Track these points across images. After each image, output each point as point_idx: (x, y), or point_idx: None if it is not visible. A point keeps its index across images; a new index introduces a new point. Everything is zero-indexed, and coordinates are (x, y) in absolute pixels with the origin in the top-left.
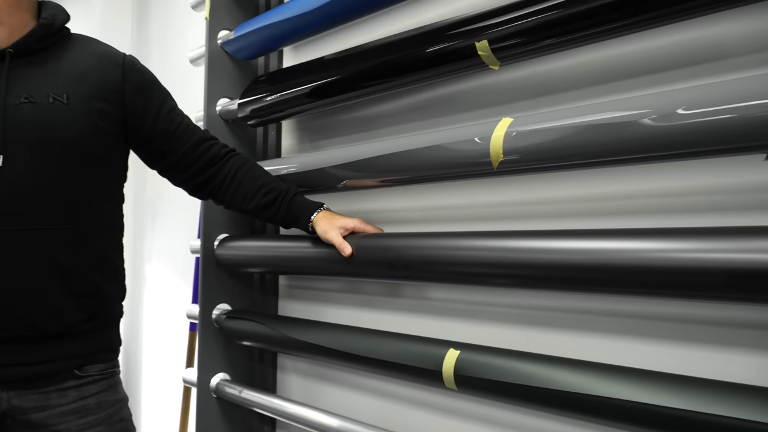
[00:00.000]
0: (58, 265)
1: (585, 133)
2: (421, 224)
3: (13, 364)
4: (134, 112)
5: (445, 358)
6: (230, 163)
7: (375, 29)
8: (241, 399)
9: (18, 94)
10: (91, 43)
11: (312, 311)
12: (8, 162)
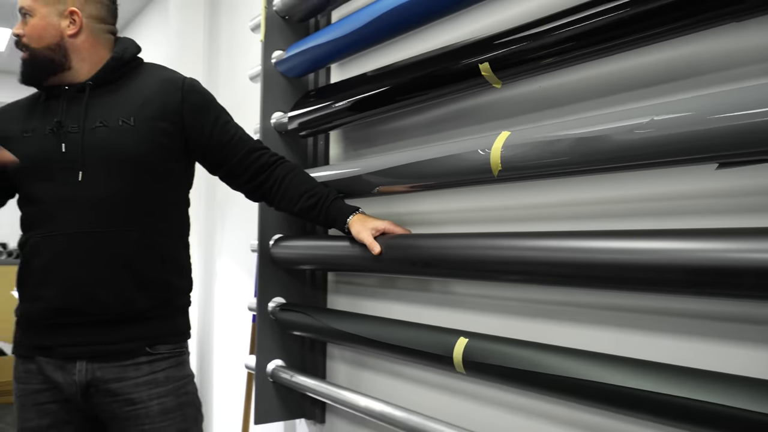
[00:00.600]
0: (127, 262)
1: (571, 145)
2: (443, 225)
3: (94, 343)
4: (193, 128)
5: (456, 345)
6: (278, 171)
7: (409, 47)
8: (294, 383)
9: (94, 119)
10: (157, 70)
11: (355, 304)
12: (86, 177)
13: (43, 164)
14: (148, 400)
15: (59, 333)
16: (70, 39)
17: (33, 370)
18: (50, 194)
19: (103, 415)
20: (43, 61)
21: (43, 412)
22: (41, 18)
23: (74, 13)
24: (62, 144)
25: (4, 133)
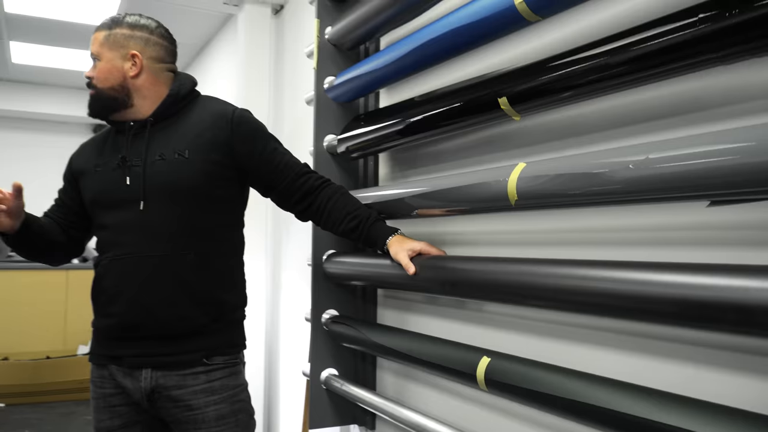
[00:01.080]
0: (185, 283)
1: (576, 179)
2: (475, 246)
3: (157, 354)
4: (242, 157)
5: (479, 364)
6: (323, 194)
7: (455, 71)
8: (345, 392)
9: (154, 153)
10: (210, 103)
11: (400, 318)
12: (147, 206)
13: (110, 195)
14: (204, 406)
15: (127, 345)
16: (132, 79)
17: (106, 376)
18: (117, 222)
19: (166, 417)
20: (108, 100)
21: (115, 413)
22: (107, 61)
23: (135, 56)
24: (126, 177)
25: (81, 167)
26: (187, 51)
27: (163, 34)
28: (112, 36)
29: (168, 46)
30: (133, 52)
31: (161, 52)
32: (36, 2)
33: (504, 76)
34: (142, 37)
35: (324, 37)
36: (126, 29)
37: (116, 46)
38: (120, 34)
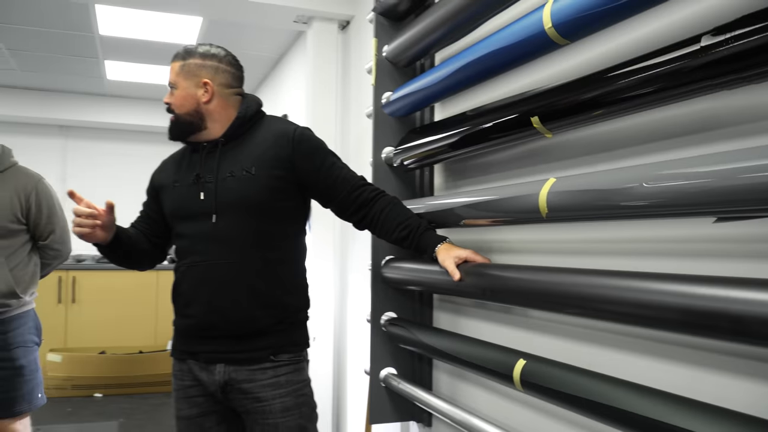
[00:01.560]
0: (252, 288)
1: (597, 196)
2: (519, 253)
3: (229, 351)
4: (302, 172)
5: (515, 366)
6: (377, 206)
7: (506, 85)
8: (402, 390)
9: (225, 170)
10: (274, 123)
11: (453, 321)
12: (219, 219)
13: (187, 208)
14: (271, 399)
15: (203, 342)
16: (204, 105)
17: (185, 370)
18: (193, 232)
19: (237, 408)
20: (185, 125)
21: (193, 403)
22: (183, 89)
23: (207, 84)
24: (201, 192)
25: (161, 183)
26: (264, 63)
27: (231, 61)
28: (186, 66)
29: (235, 73)
30: (204, 80)
31: (229, 79)
32: (126, 25)
33: (535, 96)
34: (212, 65)
35: (382, 55)
36: (198, 59)
37: (190, 75)
38: (193, 64)
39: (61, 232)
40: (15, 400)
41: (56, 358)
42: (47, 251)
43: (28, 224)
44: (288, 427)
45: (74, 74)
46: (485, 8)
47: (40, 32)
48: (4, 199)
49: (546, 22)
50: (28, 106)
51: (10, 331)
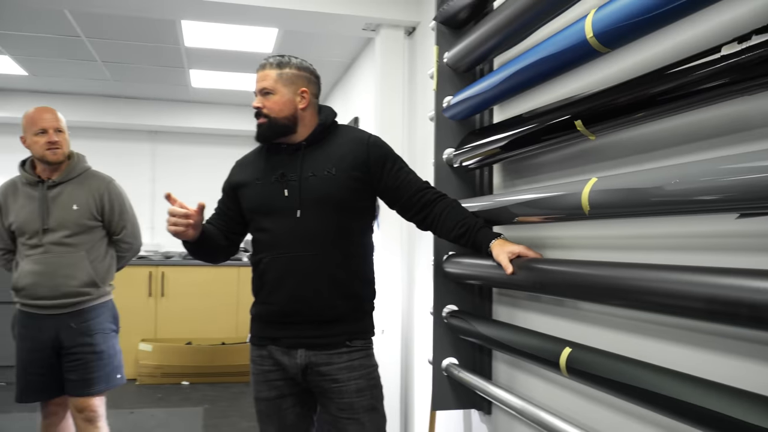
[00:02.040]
0: (332, 278)
1: (628, 195)
2: (570, 249)
3: (309, 337)
4: (374, 175)
5: (562, 353)
6: (438, 207)
7: (560, 88)
8: (463, 379)
9: (307, 170)
10: (349, 131)
11: (511, 313)
12: (302, 214)
13: (270, 204)
14: (347, 380)
15: (285, 328)
16: (301, 111)
17: (265, 355)
18: (276, 226)
19: (314, 389)
20: (281, 127)
21: (272, 386)
22: (282, 96)
23: (305, 92)
24: (284, 190)
25: (242, 181)
26: (336, 68)
27: (315, 74)
28: (284, 75)
29: (318, 84)
30: (303, 89)
31: (316, 90)
32: (209, 37)
33: (579, 101)
34: (307, 76)
35: (443, 61)
36: (295, 69)
37: (289, 83)
38: (291, 74)
39: (132, 227)
40: (94, 380)
41: (147, 347)
42: (121, 245)
43: (103, 221)
44: (361, 405)
45: (162, 83)
46: (540, 14)
47: (130, 45)
48: (82, 200)
49: (588, 32)
50: (120, 113)
51: (91, 319)
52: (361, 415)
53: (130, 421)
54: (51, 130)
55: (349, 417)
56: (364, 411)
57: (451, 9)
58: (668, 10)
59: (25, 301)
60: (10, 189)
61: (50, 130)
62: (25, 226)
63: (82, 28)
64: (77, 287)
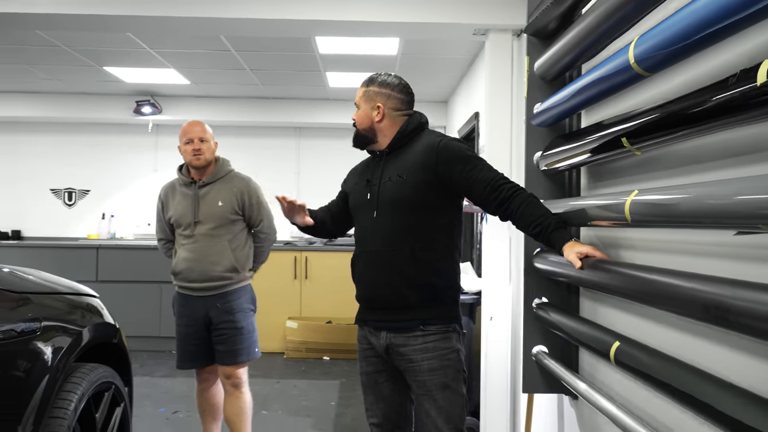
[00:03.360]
0: (402, 271)
1: (657, 207)
2: (636, 250)
3: (388, 320)
4: (444, 176)
5: (612, 346)
6: (515, 202)
7: (641, 93)
8: (550, 368)
9: (385, 175)
10: (426, 136)
11: (592, 307)
12: (379, 215)
13: (360, 205)
14: (420, 360)
15: (370, 313)
16: (377, 123)
17: (362, 335)
18: (363, 225)
19: (398, 366)
20: (363, 137)
21: (370, 362)
22: (362, 110)
23: (380, 108)
24: (368, 193)
25: (349, 185)
26: (459, 65)
27: (402, 89)
28: (367, 92)
29: (404, 99)
30: (378, 104)
31: (398, 104)
32: (340, 45)
33: (624, 119)
34: (386, 93)
35: (533, 71)
36: (376, 87)
37: (369, 100)
38: (372, 91)
39: (268, 220)
40: (238, 352)
41: (293, 324)
42: (259, 235)
43: (244, 215)
44: (433, 383)
45: (303, 84)
46: (624, 18)
47: (274, 55)
48: (226, 197)
49: (630, 59)
50: (268, 112)
51: (234, 300)
52: (434, 391)
53: (276, 389)
54: (196, 140)
55: (423, 393)
56: (436, 388)
57: (541, 21)
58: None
59: (181, 284)
60: (169, 189)
61: (195, 140)
62: (181, 220)
63: (233, 45)
64: (221, 272)
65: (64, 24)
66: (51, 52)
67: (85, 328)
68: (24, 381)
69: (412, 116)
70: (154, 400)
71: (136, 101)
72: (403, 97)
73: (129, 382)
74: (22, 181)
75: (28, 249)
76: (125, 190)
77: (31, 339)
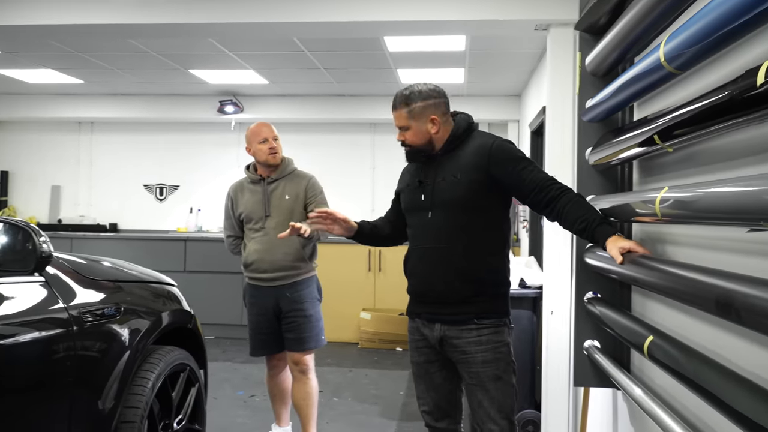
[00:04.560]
0: (455, 266)
1: (683, 202)
2: (676, 246)
3: (442, 314)
4: (496, 177)
5: (646, 340)
6: (561, 202)
7: (694, 83)
8: (600, 363)
9: (439, 176)
10: (478, 137)
11: (642, 301)
12: (433, 213)
13: (413, 205)
14: (474, 352)
15: (425, 306)
16: (434, 135)
17: (414, 327)
18: (416, 224)
19: (451, 357)
20: (421, 152)
21: (421, 353)
22: (415, 129)
23: (434, 119)
24: (421, 194)
25: (401, 186)
26: (529, 59)
27: (440, 92)
28: (412, 111)
29: (444, 101)
30: (432, 117)
31: (443, 108)
32: (408, 43)
33: (655, 118)
34: (432, 103)
35: (585, 68)
36: (420, 102)
37: (418, 116)
38: (418, 107)
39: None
40: (305, 339)
41: (367, 316)
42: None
43: (306, 209)
44: (487, 375)
45: (375, 81)
46: (668, 10)
47: (345, 54)
48: (292, 192)
49: (661, 58)
50: (343, 109)
51: (302, 290)
52: (486, 383)
53: (348, 378)
54: (270, 139)
55: (476, 384)
56: (489, 380)
57: (591, 17)
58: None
59: (252, 275)
60: (238, 188)
61: (270, 139)
62: (252, 214)
63: (305, 46)
64: (290, 262)
65: (153, 33)
66: (141, 57)
67: (164, 314)
68: (106, 359)
69: (456, 117)
70: (233, 384)
71: (220, 101)
72: (444, 99)
73: (204, 365)
74: (118, 177)
75: (124, 241)
76: (210, 184)
77: (114, 322)
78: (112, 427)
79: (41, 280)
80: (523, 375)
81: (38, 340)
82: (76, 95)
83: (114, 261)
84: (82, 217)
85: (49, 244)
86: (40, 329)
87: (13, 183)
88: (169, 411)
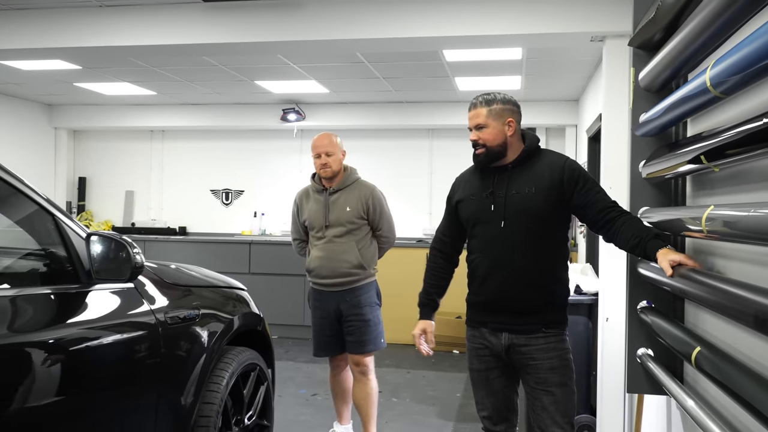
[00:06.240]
0: (527, 277)
1: (728, 222)
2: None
3: (511, 323)
4: (567, 194)
5: (694, 351)
6: (618, 223)
7: (732, 109)
8: (653, 372)
9: (512, 188)
10: (550, 155)
11: (693, 311)
12: (506, 225)
13: (481, 215)
14: (542, 359)
15: (493, 315)
16: (509, 138)
17: (477, 335)
18: (485, 233)
19: (516, 364)
20: (496, 153)
21: (482, 360)
22: (493, 128)
23: (511, 122)
24: (492, 204)
25: (461, 196)
26: (587, 66)
27: (517, 104)
28: (492, 110)
29: (519, 112)
30: (509, 119)
31: (518, 118)
32: (466, 53)
33: (702, 138)
34: (511, 109)
35: (638, 83)
36: (500, 104)
37: (498, 117)
38: (498, 108)
39: (389, 224)
40: (365, 342)
41: None
42: (381, 238)
43: (368, 219)
44: (554, 381)
45: (433, 89)
46: (727, 23)
47: (404, 64)
48: (353, 203)
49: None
50: (402, 116)
51: (361, 295)
52: (553, 388)
53: (406, 379)
54: (323, 155)
55: (543, 389)
56: (556, 385)
57: (645, 33)
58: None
59: (315, 280)
60: (304, 194)
61: (322, 155)
62: (314, 222)
63: (366, 58)
64: (349, 269)
65: (225, 51)
66: (211, 71)
67: (235, 317)
68: (187, 358)
69: (527, 134)
70: (297, 382)
71: (283, 109)
72: (519, 111)
73: (271, 365)
74: (187, 182)
75: (193, 243)
76: (273, 189)
77: (193, 324)
78: (192, 421)
79: (130, 286)
80: (579, 380)
81: (130, 340)
82: (148, 105)
83: (189, 267)
84: (153, 221)
85: (141, 255)
86: (132, 330)
87: (91, 188)
88: (240, 407)
